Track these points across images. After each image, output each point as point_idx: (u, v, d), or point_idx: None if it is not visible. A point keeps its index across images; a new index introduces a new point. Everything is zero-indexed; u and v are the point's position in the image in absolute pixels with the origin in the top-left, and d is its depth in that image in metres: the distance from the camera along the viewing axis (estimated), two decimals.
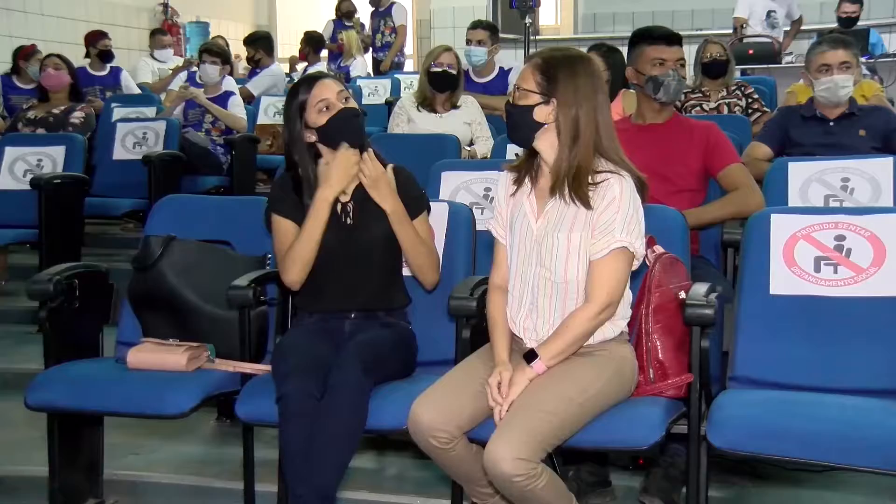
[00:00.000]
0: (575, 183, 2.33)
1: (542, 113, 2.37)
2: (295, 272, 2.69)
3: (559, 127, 2.35)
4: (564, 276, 2.36)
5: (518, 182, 2.48)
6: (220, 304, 2.78)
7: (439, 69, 4.80)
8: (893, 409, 2.32)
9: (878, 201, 3.23)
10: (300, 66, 8.42)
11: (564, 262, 2.35)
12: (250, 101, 6.93)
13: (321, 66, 8.41)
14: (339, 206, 2.74)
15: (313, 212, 2.68)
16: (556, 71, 2.36)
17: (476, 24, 5.70)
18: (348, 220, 2.74)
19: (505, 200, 2.50)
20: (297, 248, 2.68)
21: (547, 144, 2.39)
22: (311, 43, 8.66)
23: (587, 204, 2.32)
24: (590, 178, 2.33)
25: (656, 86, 3.24)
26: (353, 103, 2.77)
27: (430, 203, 2.87)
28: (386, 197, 2.71)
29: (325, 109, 2.72)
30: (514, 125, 2.43)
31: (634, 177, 2.38)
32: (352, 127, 2.74)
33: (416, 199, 2.80)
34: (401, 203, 2.72)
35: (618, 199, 2.31)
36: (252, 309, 2.71)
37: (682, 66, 3.28)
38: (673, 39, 3.29)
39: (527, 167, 2.47)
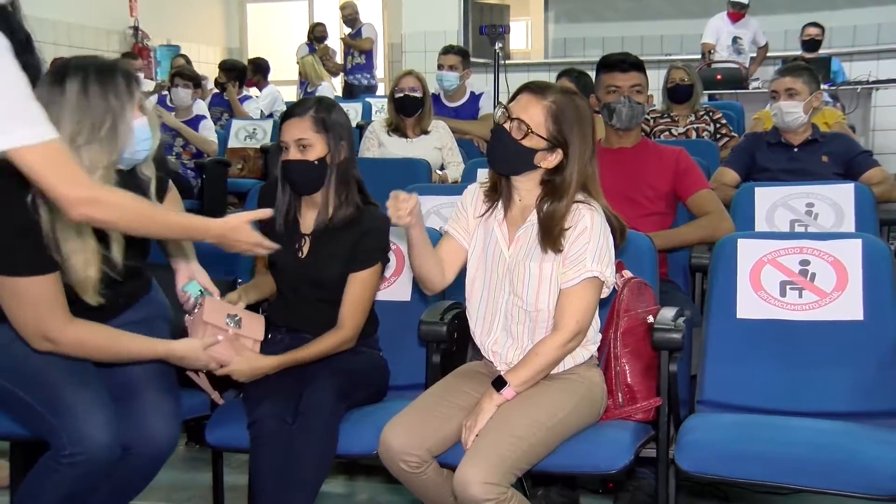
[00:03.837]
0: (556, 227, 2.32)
1: (544, 158, 2.35)
2: None
3: (563, 176, 2.33)
4: (535, 304, 2.36)
5: (489, 202, 2.47)
6: None
7: (401, 94, 4.84)
8: (858, 431, 2.35)
9: (842, 226, 3.28)
10: (253, 91, 8.48)
11: (536, 290, 2.36)
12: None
13: (270, 89, 8.48)
14: (296, 236, 2.69)
15: None
16: (569, 122, 2.32)
17: (448, 50, 5.74)
18: (300, 254, 2.68)
19: (472, 213, 2.48)
20: None
21: (532, 184, 2.38)
22: (258, 70, 8.71)
23: (558, 249, 2.32)
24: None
25: (610, 112, 3.30)
26: (311, 154, 2.59)
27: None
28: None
29: (284, 149, 2.65)
30: (506, 157, 2.38)
31: (612, 217, 2.38)
32: (291, 180, 2.64)
33: (365, 252, 2.63)
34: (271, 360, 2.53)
35: (589, 230, 2.31)
36: None
37: (639, 92, 3.30)
38: (626, 66, 3.32)
39: (498, 192, 2.46)
